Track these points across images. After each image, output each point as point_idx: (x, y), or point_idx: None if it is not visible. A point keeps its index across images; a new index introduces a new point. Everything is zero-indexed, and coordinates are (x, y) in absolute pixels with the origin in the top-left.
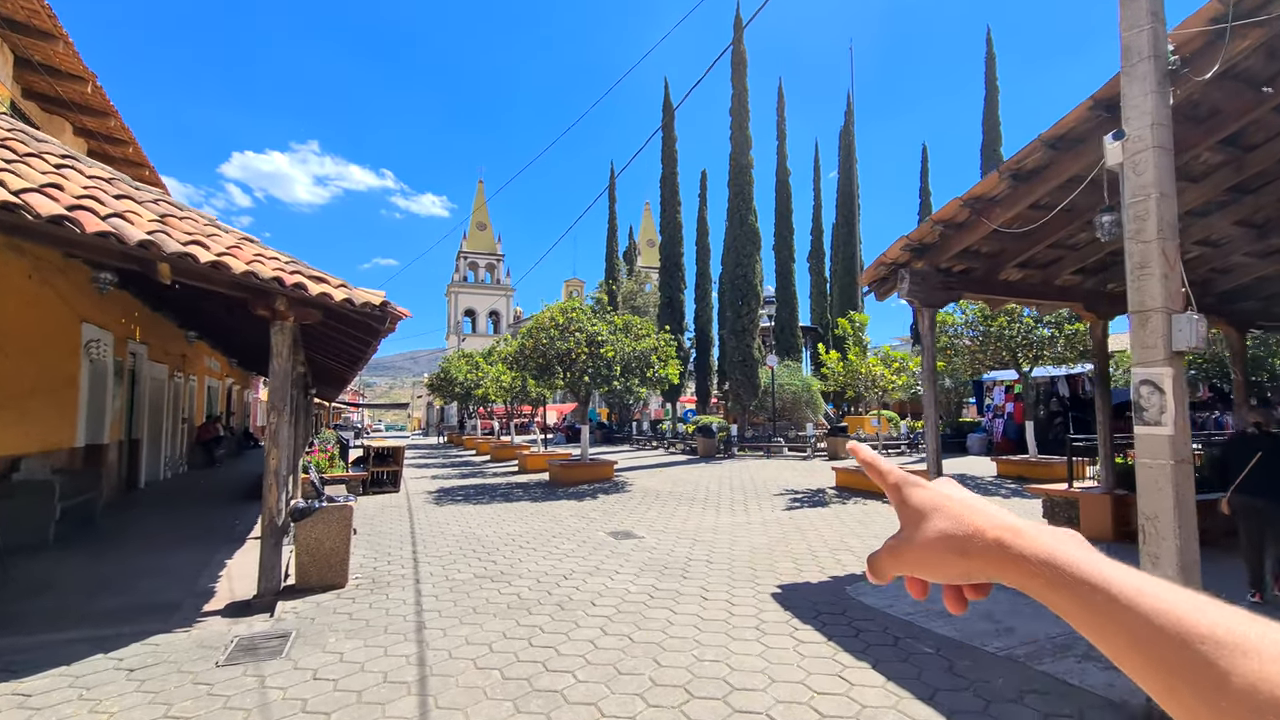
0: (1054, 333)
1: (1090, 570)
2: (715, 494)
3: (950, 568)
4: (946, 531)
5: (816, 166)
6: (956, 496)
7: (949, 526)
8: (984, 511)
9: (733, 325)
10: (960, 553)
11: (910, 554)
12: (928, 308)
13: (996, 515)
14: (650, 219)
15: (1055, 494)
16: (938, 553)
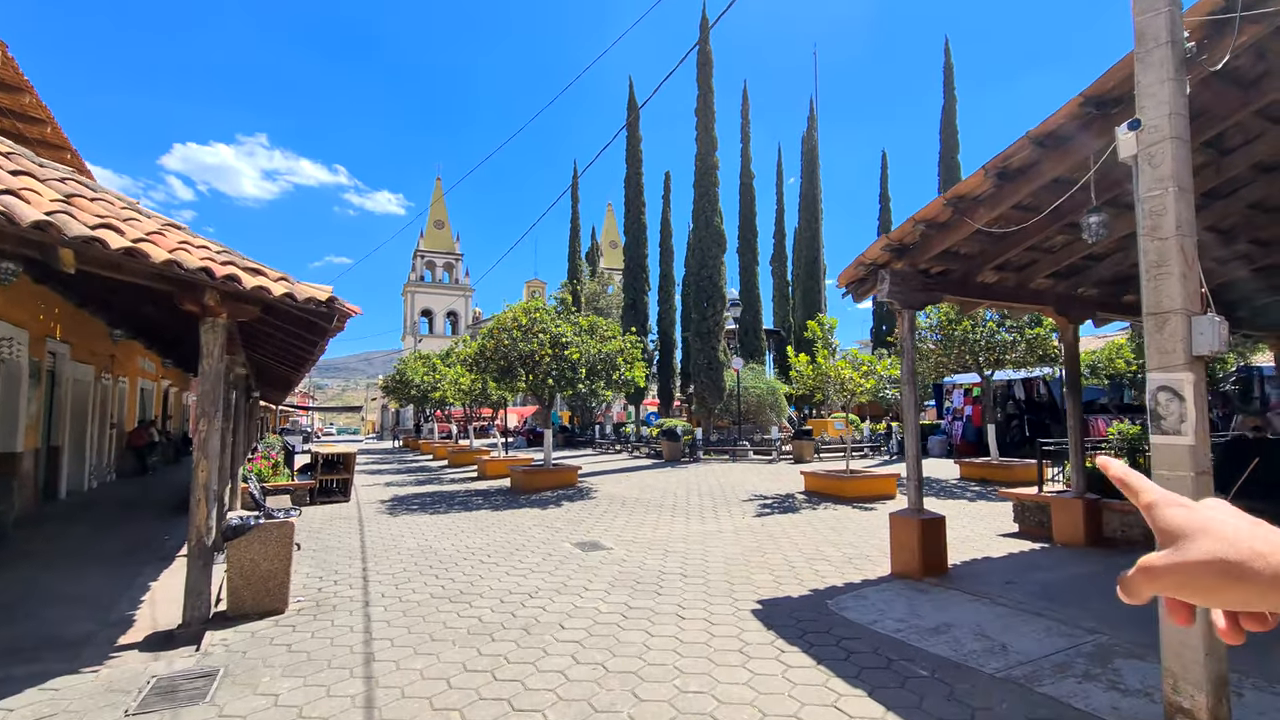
0: (1016, 337)
1: None
2: (683, 500)
3: (1226, 594)
4: (1219, 555)
5: (779, 171)
6: (1227, 517)
7: (1222, 549)
8: (1266, 534)
9: (697, 327)
10: (1237, 578)
11: (1171, 577)
12: (907, 309)
13: None
14: (613, 220)
15: (1026, 498)
16: (1208, 577)
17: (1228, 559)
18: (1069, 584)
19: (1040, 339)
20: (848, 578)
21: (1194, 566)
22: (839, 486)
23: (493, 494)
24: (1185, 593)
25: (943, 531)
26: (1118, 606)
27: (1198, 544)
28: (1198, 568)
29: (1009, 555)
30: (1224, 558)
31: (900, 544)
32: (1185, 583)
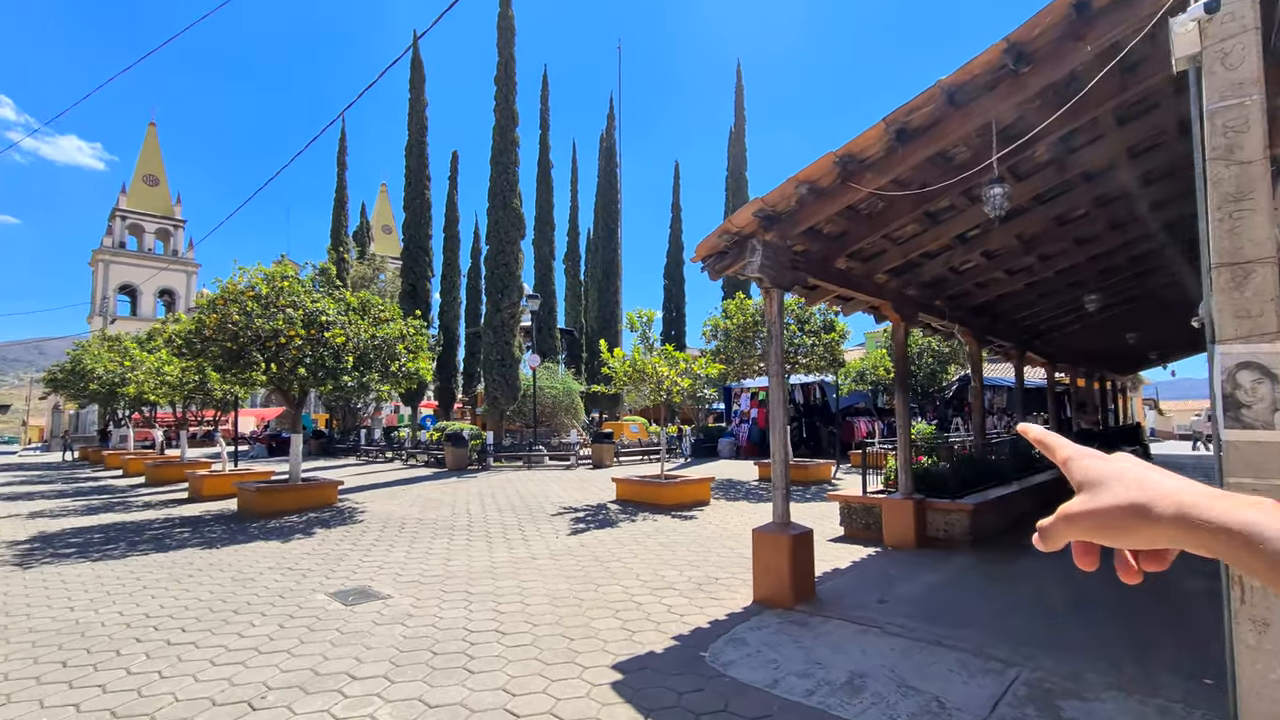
0: (814, 340)
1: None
2: (480, 517)
3: (1135, 533)
4: (1132, 498)
5: (574, 167)
6: (1137, 467)
7: (1134, 493)
8: (1169, 478)
9: (490, 318)
10: (1142, 517)
11: (1089, 520)
12: (777, 288)
13: (1183, 482)
14: (387, 203)
15: (853, 500)
16: (1122, 518)
17: (1137, 501)
18: (937, 596)
19: (834, 343)
20: (709, 613)
21: (1109, 510)
22: (655, 494)
23: (209, 523)
24: (1099, 534)
25: (812, 548)
26: (1003, 619)
27: (1111, 489)
28: (1113, 510)
29: (855, 565)
30: (1135, 500)
31: (766, 565)
32: (1101, 524)
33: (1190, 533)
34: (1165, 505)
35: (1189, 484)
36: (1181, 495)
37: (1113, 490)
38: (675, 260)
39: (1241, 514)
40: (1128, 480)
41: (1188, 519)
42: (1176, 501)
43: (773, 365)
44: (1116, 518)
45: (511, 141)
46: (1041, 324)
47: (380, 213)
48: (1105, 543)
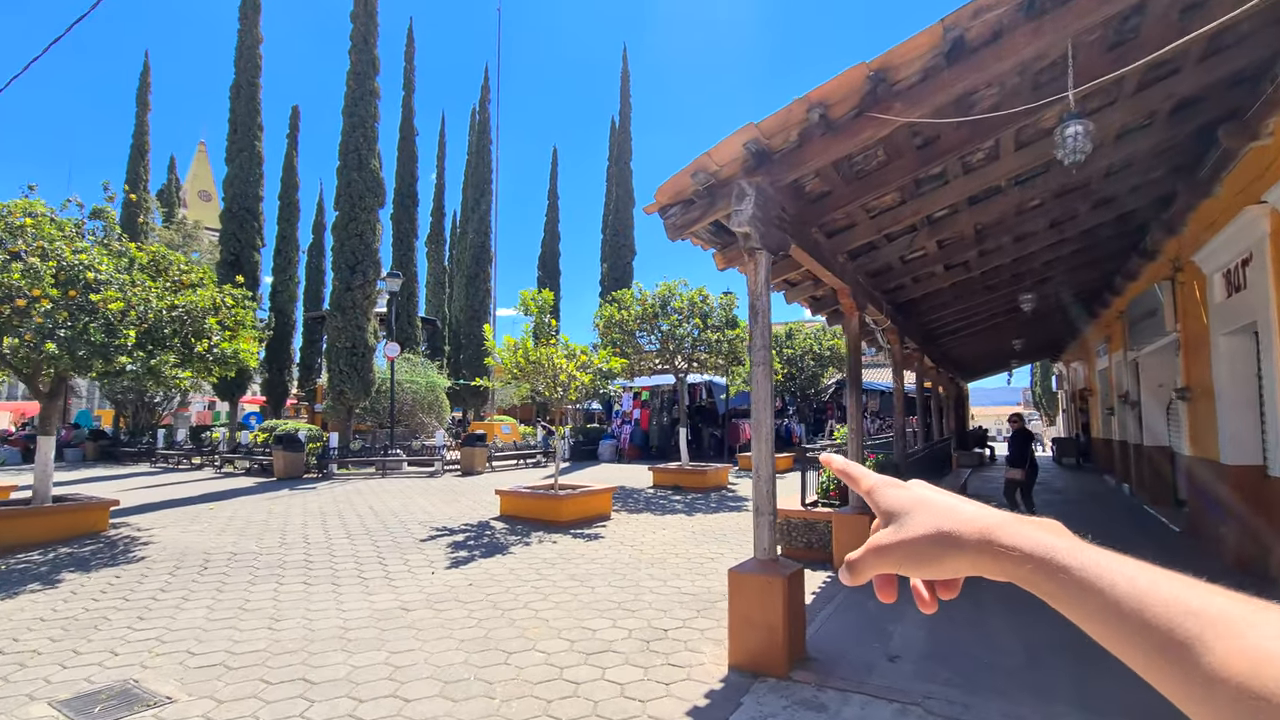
0: (719, 337)
1: (1074, 559)
2: (323, 546)
3: (939, 563)
4: (936, 527)
5: (441, 142)
6: (937, 495)
7: (938, 522)
8: (968, 507)
9: (338, 298)
10: (950, 546)
11: (897, 551)
12: (765, 250)
13: (981, 510)
14: (207, 165)
15: (792, 515)
16: (927, 547)
17: (944, 529)
18: (945, 641)
19: (737, 340)
20: (677, 691)
21: (918, 540)
22: (550, 508)
23: None
24: (908, 565)
25: (804, 590)
26: (1034, 669)
27: (916, 518)
28: (921, 540)
29: (821, 597)
30: (941, 529)
31: (749, 618)
32: (910, 554)
33: (995, 560)
34: (969, 533)
35: (985, 510)
36: (983, 521)
37: (918, 519)
38: (551, 250)
39: (1040, 539)
40: (931, 509)
41: (991, 546)
42: (979, 528)
43: (758, 352)
44: (925, 547)
45: (370, 92)
46: (943, 327)
47: (198, 176)
48: (913, 574)
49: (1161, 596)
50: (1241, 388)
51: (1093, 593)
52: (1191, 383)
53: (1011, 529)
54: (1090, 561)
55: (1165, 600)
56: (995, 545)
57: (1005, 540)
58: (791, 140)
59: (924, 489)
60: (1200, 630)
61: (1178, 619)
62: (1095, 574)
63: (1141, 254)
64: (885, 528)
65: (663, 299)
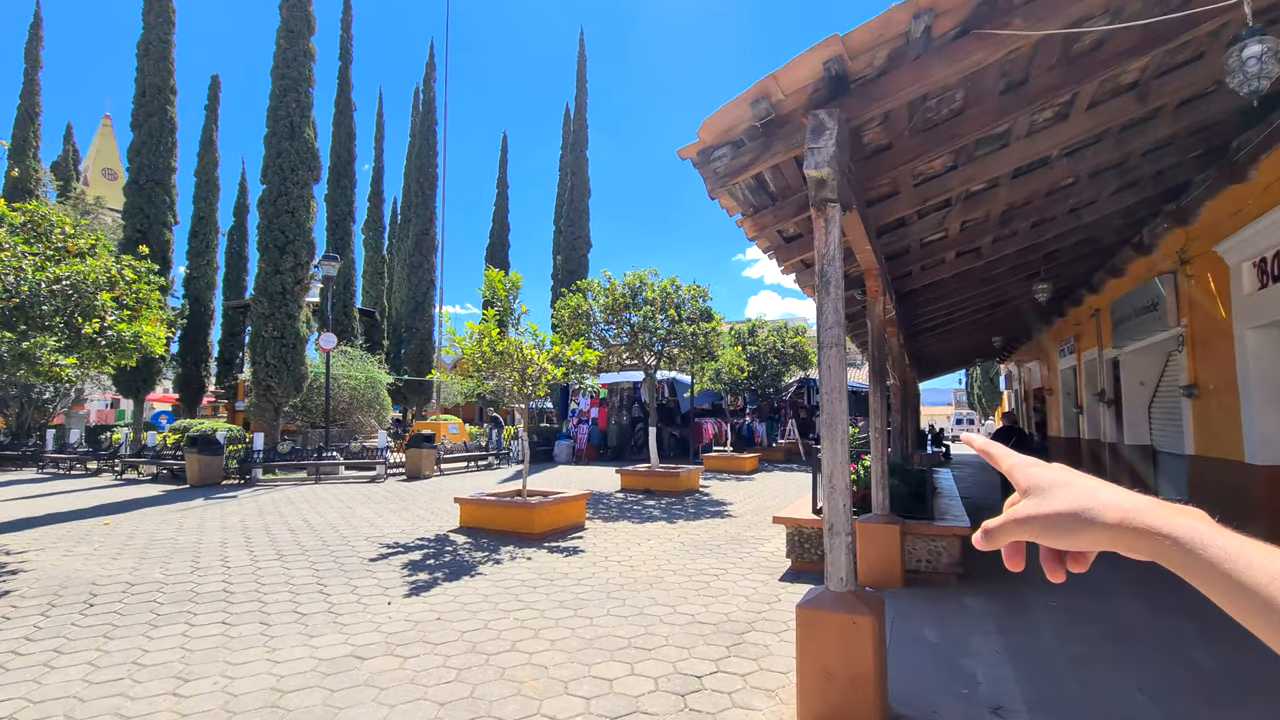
0: (694, 329)
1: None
2: (247, 571)
3: (1079, 536)
4: (1079, 503)
5: (380, 122)
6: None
7: (1080, 499)
8: (1110, 491)
9: (265, 282)
10: (1089, 523)
11: (1039, 523)
12: (839, 204)
13: (1125, 492)
14: (113, 141)
15: (805, 524)
16: (1070, 522)
17: (1085, 505)
18: (1037, 679)
19: (711, 334)
20: None
21: (1059, 514)
22: (519, 518)
23: None
24: (1044, 536)
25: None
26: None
27: (1058, 495)
28: (1060, 515)
29: None
30: (1083, 505)
31: (825, 669)
32: (1048, 527)
33: (1136, 537)
34: (1110, 512)
35: (1126, 493)
36: (1124, 503)
37: (1059, 496)
38: (499, 241)
39: (1184, 521)
40: (1073, 488)
41: (1133, 524)
42: (1121, 508)
43: (829, 331)
44: (1065, 521)
45: (304, 52)
46: (926, 323)
47: (101, 152)
48: (1048, 544)
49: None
50: (1273, 385)
51: (1230, 572)
52: (1201, 379)
53: (1155, 511)
54: (1231, 543)
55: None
56: (1137, 524)
57: (1149, 520)
58: (878, 63)
59: (1067, 471)
60: None
61: None
62: (1236, 554)
63: (1136, 248)
64: (1025, 500)
65: (633, 289)
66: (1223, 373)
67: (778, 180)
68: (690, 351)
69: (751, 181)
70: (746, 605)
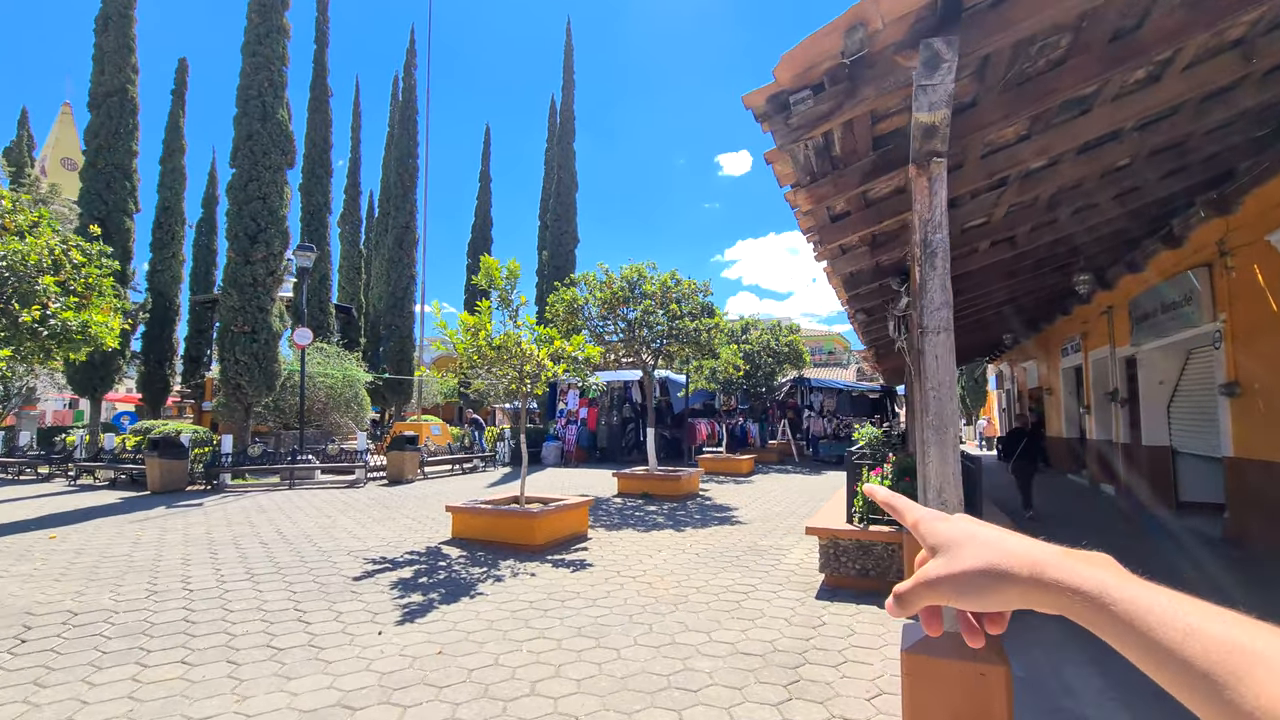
0: (696, 325)
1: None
2: (211, 595)
3: (989, 595)
4: (986, 560)
5: (356, 111)
6: (983, 528)
7: (988, 555)
8: (1015, 541)
9: (235, 273)
10: (1000, 579)
11: (947, 584)
12: (946, 159)
13: (1030, 544)
14: (72, 130)
15: (841, 535)
16: (977, 579)
17: (994, 563)
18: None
19: (714, 330)
20: None
21: (968, 573)
22: (519, 529)
23: None
24: (957, 598)
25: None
26: None
27: (966, 551)
28: (972, 574)
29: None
30: (991, 562)
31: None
32: (960, 587)
33: (1046, 593)
34: (1019, 567)
35: (1034, 544)
36: (1032, 555)
37: (968, 552)
38: (482, 235)
39: (1091, 574)
40: (980, 542)
41: (1042, 580)
42: (1029, 562)
43: (934, 313)
44: (975, 580)
45: (278, 29)
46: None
47: (61, 141)
48: (961, 606)
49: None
50: None
51: (1140, 628)
52: (1243, 377)
53: (1062, 563)
54: (1139, 596)
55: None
56: (1045, 580)
57: (1056, 575)
58: None
59: (970, 522)
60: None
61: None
62: (1144, 609)
63: (1164, 240)
64: (933, 560)
65: (631, 282)
66: (1268, 369)
67: (846, 141)
68: (690, 349)
69: (819, 140)
70: (790, 630)
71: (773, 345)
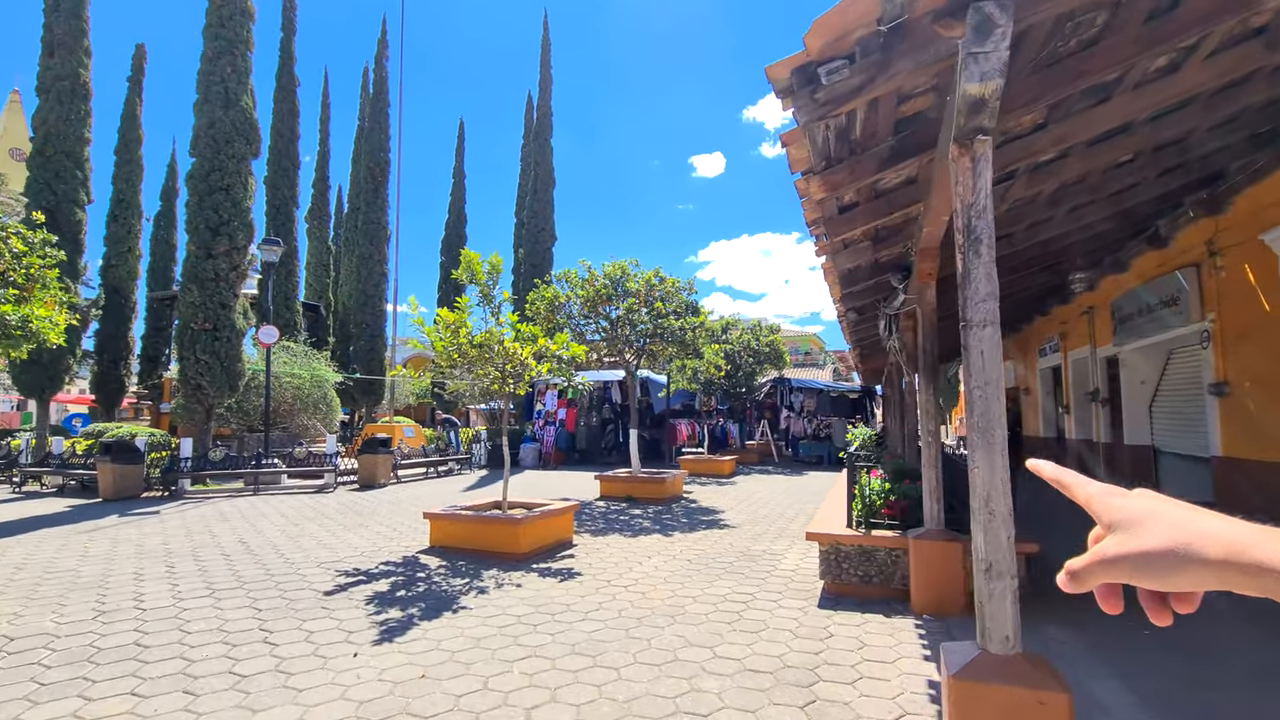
0: (682, 324)
1: None
2: (167, 615)
3: (1179, 575)
4: (1174, 539)
5: (325, 104)
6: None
7: (1177, 534)
8: (1208, 520)
9: (196, 267)
10: (1190, 560)
11: (1131, 563)
12: (989, 141)
13: (1226, 521)
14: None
15: (843, 540)
16: (1162, 560)
17: (1182, 543)
18: None
19: (698, 329)
20: None
21: (1152, 553)
22: (505, 537)
23: None
24: (1139, 577)
25: None
26: None
27: (1149, 530)
28: (1155, 553)
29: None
30: (1180, 541)
31: None
32: (1143, 566)
33: (1244, 575)
34: (1212, 547)
35: (1228, 522)
36: (1226, 535)
37: (1151, 531)
38: (456, 233)
39: None
40: (1166, 521)
41: (1239, 562)
42: (1223, 542)
43: (979, 305)
44: (1161, 560)
45: (242, 11)
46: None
47: (10, 131)
48: (1145, 585)
49: None
50: None
51: None
52: (1232, 376)
53: (1265, 544)
54: None
55: None
56: (1244, 561)
57: (1260, 556)
58: None
59: (1154, 499)
60: None
61: None
62: None
63: (1150, 240)
64: (1110, 536)
65: (614, 279)
66: (1269, 369)
67: (868, 123)
68: (674, 348)
69: (843, 120)
70: (797, 644)
71: (753, 345)
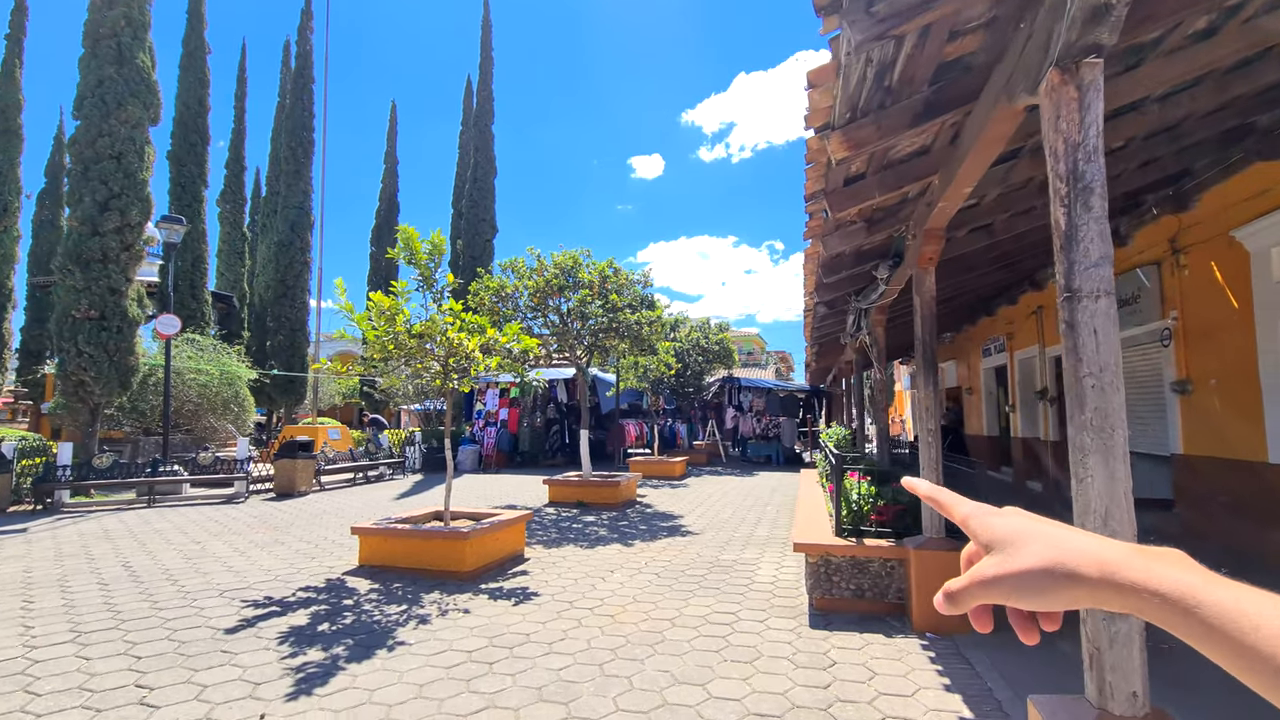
0: (638, 318)
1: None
2: (8, 670)
3: (1051, 595)
4: (1049, 558)
5: (241, 78)
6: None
7: (1051, 553)
8: (1081, 538)
9: (78, 246)
10: (1065, 579)
11: (1005, 583)
12: (1099, 66)
13: (1097, 542)
14: None
15: (832, 550)
16: (1039, 580)
17: (1061, 562)
18: None
19: (654, 324)
20: None
21: (1030, 572)
22: (448, 554)
23: None
24: (1015, 597)
25: None
26: None
27: (1026, 549)
28: (1034, 573)
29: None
30: (1056, 560)
31: None
32: (1020, 586)
33: (1118, 594)
34: (1087, 566)
35: (1100, 540)
36: (1100, 554)
37: (1028, 551)
38: (388, 222)
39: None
40: (1041, 540)
41: (1114, 581)
42: (1098, 561)
43: (1089, 272)
44: (1037, 580)
45: None
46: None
47: None
48: (1021, 605)
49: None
50: None
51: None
52: (1195, 374)
53: (1137, 563)
54: (1228, 598)
55: None
56: (1118, 580)
57: (1132, 576)
58: None
59: (1027, 518)
60: None
61: None
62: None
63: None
64: (987, 557)
65: (565, 270)
66: (1234, 366)
67: (911, 62)
68: (628, 343)
69: (889, 52)
70: (799, 675)
71: (703, 343)
